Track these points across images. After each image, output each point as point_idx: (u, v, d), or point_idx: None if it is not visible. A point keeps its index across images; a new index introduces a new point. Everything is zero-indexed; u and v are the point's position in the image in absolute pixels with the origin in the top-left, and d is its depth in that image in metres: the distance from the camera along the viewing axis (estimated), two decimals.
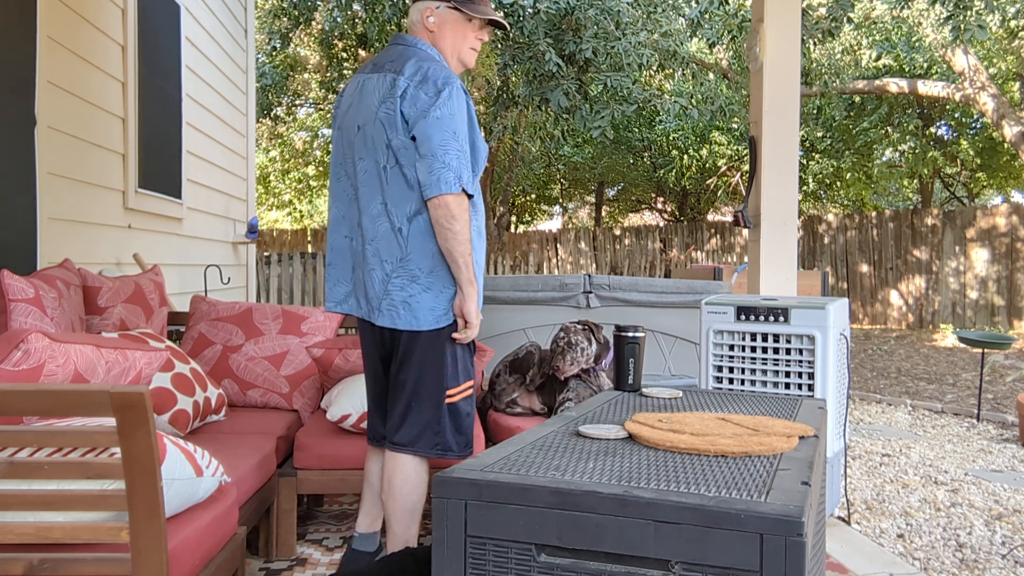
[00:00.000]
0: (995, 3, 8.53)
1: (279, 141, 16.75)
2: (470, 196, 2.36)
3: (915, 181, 15.75)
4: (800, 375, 3.03)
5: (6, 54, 3.00)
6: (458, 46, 2.50)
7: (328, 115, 16.74)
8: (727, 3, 9.03)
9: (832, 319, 2.99)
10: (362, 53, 11.22)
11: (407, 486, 2.43)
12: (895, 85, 11.89)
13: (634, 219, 21.30)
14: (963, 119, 13.82)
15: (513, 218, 19.51)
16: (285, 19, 10.67)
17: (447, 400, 2.42)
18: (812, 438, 1.85)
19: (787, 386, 3.06)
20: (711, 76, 12.75)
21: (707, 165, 15.28)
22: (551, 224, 22.98)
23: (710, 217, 17.71)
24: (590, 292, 4.52)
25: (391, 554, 2.15)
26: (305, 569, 2.78)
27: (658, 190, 18.07)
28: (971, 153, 14.38)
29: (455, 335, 2.40)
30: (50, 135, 3.35)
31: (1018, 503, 3.72)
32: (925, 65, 12.44)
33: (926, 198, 15.52)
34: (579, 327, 3.15)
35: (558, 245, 15.42)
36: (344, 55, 11.29)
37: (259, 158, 16.65)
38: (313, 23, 11.17)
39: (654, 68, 9.45)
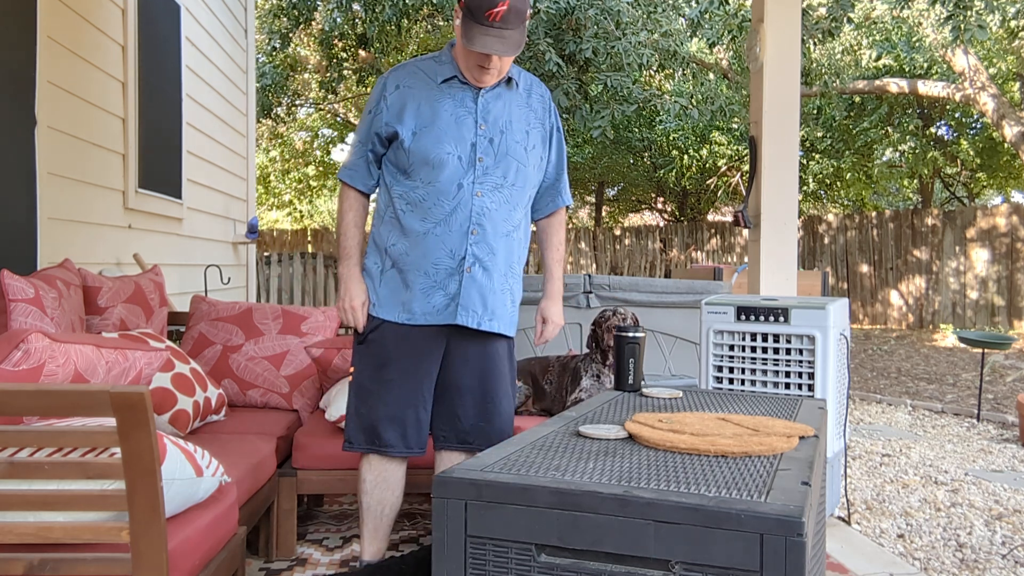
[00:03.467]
0: (995, 3, 8.53)
1: (279, 141, 16.75)
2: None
3: (915, 181, 15.75)
4: (800, 375, 3.03)
5: (6, 54, 3.00)
6: (463, 62, 2.36)
7: (327, 115, 16.75)
8: (727, 3, 9.02)
9: (832, 319, 2.99)
10: (362, 53, 11.21)
11: None
12: (895, 85, 11.88)
13: (634, 219, 21.29)
14: (963, 119, 13.81)
15: None
16: (285, 19, 10.66)
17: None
18: (812, 438, 1.85)
19: (787, 386, 3.06)
20: (711, 76, 12.74)
21: (707, 165, 15.26)
22: None
23: (710, 217, 17.70)
24: (590, 292, 4.52)
25: (401, 556, 2.16)
26: (305, 569, 2.78)
27: (658, 190, 18.05)
28: (971, 153, 14.37)
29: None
30: (50, 135, 3.35)
31: (1018, 503, 3.72)
32: (925, 65, 12.43)
33: (926, 198, 15.52)
34: (634, 316, 3.28)
35: None
36: (344, 55, 11.28)
37: (259, 158, 16.65)
38: (313, 23, 11.16)
39: (654, 68, 9.44)
